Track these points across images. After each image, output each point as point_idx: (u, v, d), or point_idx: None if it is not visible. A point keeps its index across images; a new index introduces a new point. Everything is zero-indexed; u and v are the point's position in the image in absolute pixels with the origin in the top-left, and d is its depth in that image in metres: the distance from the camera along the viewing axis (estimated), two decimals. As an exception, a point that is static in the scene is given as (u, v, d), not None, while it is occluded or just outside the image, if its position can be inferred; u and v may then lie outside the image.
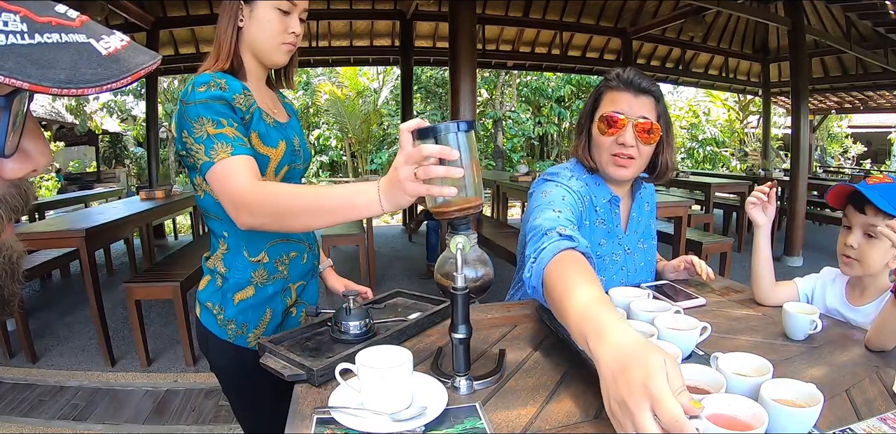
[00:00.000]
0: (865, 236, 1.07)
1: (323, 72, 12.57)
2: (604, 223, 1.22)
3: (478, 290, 0.80)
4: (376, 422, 0.69)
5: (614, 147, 1.14)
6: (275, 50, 1.05)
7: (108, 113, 11.46)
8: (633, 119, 1.12)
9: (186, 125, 0.94)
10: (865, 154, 14.83)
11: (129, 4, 4.83)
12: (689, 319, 0.88)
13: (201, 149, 0.92)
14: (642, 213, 1.32)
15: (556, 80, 12.72)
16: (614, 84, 1.15)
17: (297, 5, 1.05)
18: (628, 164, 1.14)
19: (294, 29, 1.05)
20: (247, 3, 1.03)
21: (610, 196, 1.22)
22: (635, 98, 1.13)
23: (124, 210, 3.50)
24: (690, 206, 3.77)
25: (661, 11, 6.30)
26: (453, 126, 0.69)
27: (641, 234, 1.32)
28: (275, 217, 0.86)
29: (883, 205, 1.00)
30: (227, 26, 1.03)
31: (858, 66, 7.24)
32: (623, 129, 1.12)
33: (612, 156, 1.15)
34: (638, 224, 1.31)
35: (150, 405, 2.37)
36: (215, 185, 0.92)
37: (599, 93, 1.19)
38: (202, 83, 0.95)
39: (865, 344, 0.95)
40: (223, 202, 0.92)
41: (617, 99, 1.14)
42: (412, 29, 6.18)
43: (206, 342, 1.10)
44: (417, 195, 0.71)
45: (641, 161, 1.15)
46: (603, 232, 1.24)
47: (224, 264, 1.06)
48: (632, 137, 1.12)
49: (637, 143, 1.12)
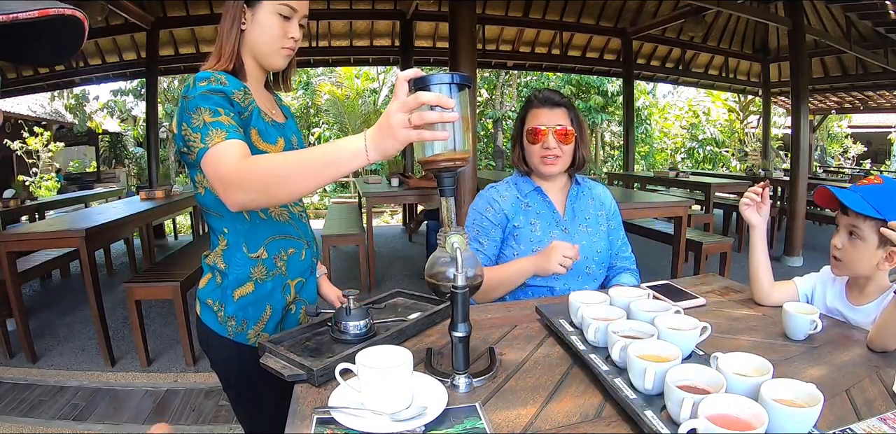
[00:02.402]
0: (849, 236, 1.07)
1: (323, 72, 12.58)
2: (530, 207, 1.49)
3: (470, 290, 0.81)
4: (376, 422, 0.69)
5: (542, 151, 1.43)
6: (274, 53, 1.08)
7: (108, 113, 11.46)
8: (551, 127, 1.41)
9: (186, 117, 0.95)
10: (865, 154, 14.82)
11: (129, 4, 4.83)
12: (689, 319, 0.88)
13: (198, 137, 0.92)
14: (585, 205, 1.53)
15: (556, 80, 12.71)
16: (534, 103, 1.46)
17: (297, 11, 1.07)
18: (555, 162, 1.43)
19: (293, 34, 1.07)
20: (249, 7, 1.04)
21: (532, 187, 1.50)
22: (551, 111, 1.43)
23: (124, 210, 3.50)
24: (690, 206, 3.76)
25: (661, 11, 6.30)
26: (450, 77, 0.73)
27: (585, 220, 1.51)
28: (264, 187, 0.85)
29: (860, 207, 1.02)
30: (231, 29, 1.05)
31: (858, 66, 7.24)
32: (546, 137, 1.42)
33: (541, 158, 1.43)
34: (580, 212, 1.52)
35: (150, 405, 2.37)
36: (209, 171, 0.91)
37: (525, 113, 1.48)
38: (203, 78, 0.97)
39: (867, 344, 0.95)
40: (215, 186, 0.91)
41: (537, 114, 1.44)
42: (412, 29, 6.18)
43: (206, 340, 1.11)
44: (408, 141, 0.72)
45: (565, 158, 1.44)
46: (532, 213, 1.48)
47: (224, 260, 1.07)
48: (554, 141, 1.41)
49: (558, 144, 1.42)
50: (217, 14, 5.50)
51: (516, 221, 1.46)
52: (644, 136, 13.33)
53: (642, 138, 13.23)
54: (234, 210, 0.89)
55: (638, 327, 0.88)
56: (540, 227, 1.46)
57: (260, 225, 1.08)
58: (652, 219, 4.35)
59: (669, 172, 6.41)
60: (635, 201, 3.65)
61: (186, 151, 0.97)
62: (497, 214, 1.47)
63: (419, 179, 4.71)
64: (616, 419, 0.72)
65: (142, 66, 5.91)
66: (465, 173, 3.36)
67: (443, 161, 0.75)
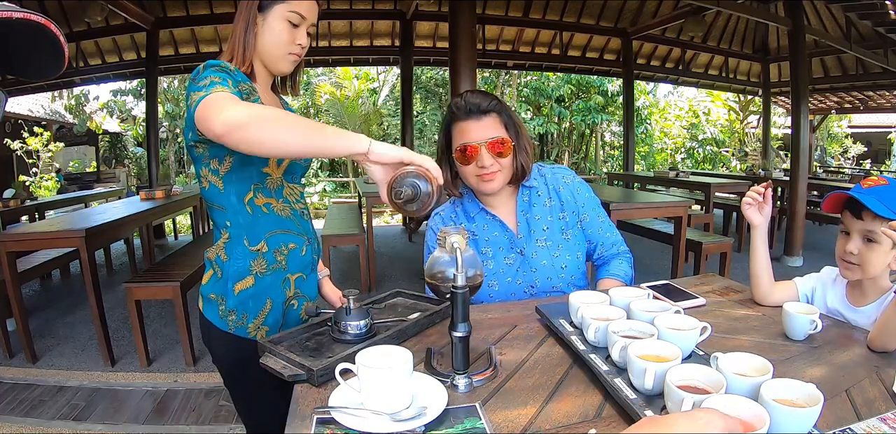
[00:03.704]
0: (865, 241, 1.06)
1: (323, 72, 12.57)
2: (476, 235, 1.34)
3: (470, 290, 0.81)
4: (376, 422, 0.69)
5: (477, 169, 1.25)
6: (281, 59, 1.11)
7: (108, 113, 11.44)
8: (483, 142, 1.22)
9: (193, 87, 0.94)
10: (865, 154, 14.82)
11: (129, 4, 4.83)
12: (689, 319, 0.88)
13: (202, 94, 0.89)
14: (540, 211, 1.35)
15: (556, 80, 12.71)
16: (457, 114, 1.25)
17: (306, 19, 1.10)
18: (493, 177, 1.25)
19: (301, 41, 1.11)
20: (260, 12, 1.07)
21: (478, 208, 1.35)
22: (479, 122, 1.23)
23: (124, 210, 3.50)
24: (690, 206, 3.76)
25: (661, 11, 6.30)
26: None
27: (543, 233, 1.34)
28: (258, 117, 0.83)
29: (880, 210, 0.99)
30: (245, 33, 1.07)
31: (858, 66, 7.24)
32: (478, 154, 1.23)
33: (477, 177, 1.26)
34: (535, 223, 1.34)
35: (150, 405, 2.37)
36: (203, 107, 0.86)
37: (448, 125, 1.28)
38: (213, 65, 0.99)
39: (867, 344, 0.95)
40: (206, 113, 0.85)
41: (464, 129, 1.24)
42: (412, 29, 6.18)
43: (208, 335, 1.13)
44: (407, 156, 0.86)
45: (506, 172, 1.27)
46: (481, 241, 1.34)
47: (225, 252, 1.09)
48: (489, 158, 1.23)
49: (495, 159, 1.23)
50: (217, 14, 5.55)
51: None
52: (644, 136, 13.33)
53: (642, 138, 13.23)
54: (218, 130, 0.82)
55: (638, 327, 0.88)
56: (492, 256, 1.33)
57: (262, 218, 1.10)
58: (652, 219, 4.35)
59: (669, 172, 6.41)
60: (635, 201, 3.65)
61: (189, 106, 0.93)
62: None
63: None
64: (616, 419, 0.72)
65: (142, 66, 5.91)
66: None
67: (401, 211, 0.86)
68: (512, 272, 1.33)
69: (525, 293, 1.34)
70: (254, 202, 1.09)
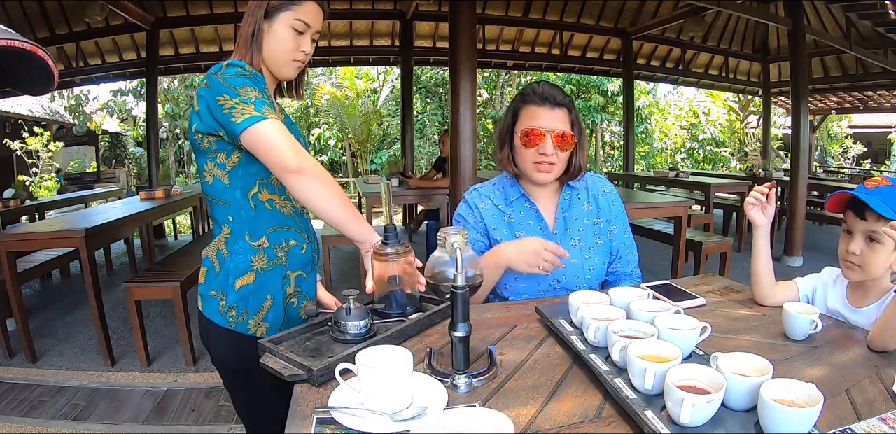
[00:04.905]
0: (867, 241, 1.05)
1: (323, 72, 12.57)
2: (512, 218, 1.36)
3: (470, 290, 0.82)
4: (376, 422, 0.69)
5: (536, 156, 1.27)
6: (285, 65, 1.13)
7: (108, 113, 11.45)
8: (550, 131, 1.25)
9: (228, 90, 0.98)
10: (865, 154, 14.82)
11: (129, 4, 4.83)
12: (689, 319, 0.88)
13: (251, 107, 0.97)
14: (579, 213, 1.38)
15: (556, 80, 12.69)
16: (532, 99, 1.28)
17: (311, 27, 1.12)
18: (550, 169, 1.28)
19: (305, 48, 1.13)
20: (266, 19, 1.09)
21: (520, 193, 1.36)
22: (552, 111, 1.26)
23: (124, 210, 3.50)
24: (690, 206, 3.76)
25: (661, 11, 6.30)
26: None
27: (578, 234, 1.37)
28: (322, 177, 0.98)
29: (884, 210, 0.99)
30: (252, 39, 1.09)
31: (858, 66, 7.23)
32: (543, 141, 1.25)
33: (535, 163, 1.28)
34: (573, 222, 1.37)
35: (150, 405, 2.37)
36: (270, 134, 0.96)
37: (517, 108, 1.31)
38: (240, 66, 1.03)
39: (867, 344, 0.95)
40: (279, 146, 0.96)
41: (535, 114, 1.26)
42: (412, 29, 6.18)
43: (207, 334, 1.13)
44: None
45: (560, 165, 1.30)
46: (517, 226, 1.35)
47: (227, 247, 1.09)
48: (551, 147, 1.25)
49: (556, 151, 1.26)
50: (217, 14, 5.55)
51: (498, 234, 1.34)
52: (644, 136, 13.32)
53: (642, 138, 13.22)
54: (293, 167, 0.96)
55: (638, 327, 0.88)
56: None
57: (264, 214, 1.10)
58: (652, 219, 4.35)
59: (669, 172, 6.41)
60: (635, 201, 3.65)
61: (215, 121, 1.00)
62: (478, 223, 1.35)
63: (419, 179, 4.70)
64: (616, 419, 0.72)
65: (142, 66, 5.91)
66: (466, 174, 3.36)
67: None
68: None
69: (550, 286, 1.34)
70: (258, 197, 1.10)
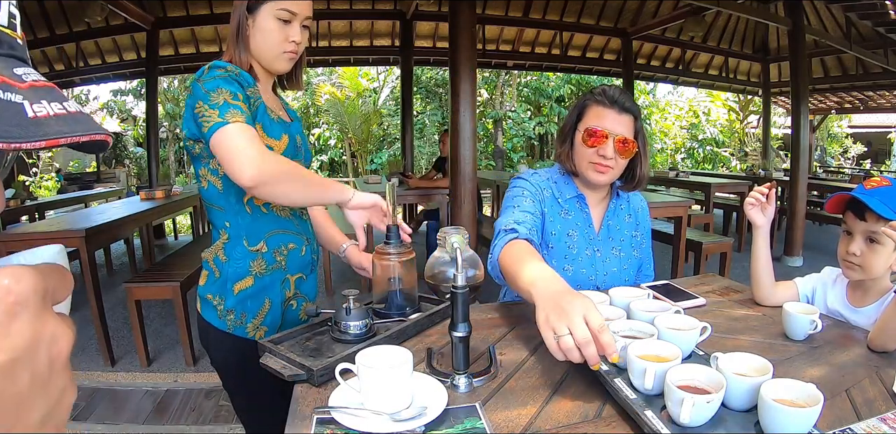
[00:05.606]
0: (867, 242, 1.06)
1: (323, 72, 12.57)
2: (569, 215, 1.33)
3: (470, 290, 0.81)
4: (376, 422, 0.69)
5: (595, 157, 1.25)
6: (276, 58, 1.09)
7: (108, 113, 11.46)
8: (614, 135, 1.22)
9: (202, 96, 0.96)
10: (865, 154, 14.82)
11: (129, 4, 4.83)
12: (689, 319, 0.88)
13: (216, 113, 0.94)
14: (621, 223, 1.39)
15: (556, 80, 12.71)
16: (600, 99, 1.26)
17: (297, 14, 1.07)
18: (606, 171, 1.26)
19: (294, 37, 1.08)
20: (250, 14, 1.06)
21: (575, 193, 1.33)
22: (619, 115, 1.24)
23: (124, 210, 3.50)
24: (690, 206, 3.76)
25: (661, 11, 6.30)
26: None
27: (619, 243, 1.37)
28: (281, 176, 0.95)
29: (883, 211, 0.99)
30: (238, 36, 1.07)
31: (858, 66, 7.23)
32: (605, 143, 1.22)
33: (592, 163, 1.26)
34: (615, 232, 1.37)
35: (150, 405, 2.37)
36: (226, 142, 0.92)
37: (584, 105, 1.29)
38: (221, 66, 1.01)
39: (867, 344, 0.95)
40: (232, 158, 0.92)
41: (602, 114, 1.24)
42: (412, 29, 6.18)
43: (206, 336, 1.13)
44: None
45: (617, 170, 1.27)
46: (571, 224, 1.32)
47: (224, 253, 1.08)
48: (612, 151, 1.23)
49: (616, 156, 1.23)
50: (217, 14, 5.54)
51: (553, 228, 1.30)
52: (644, 135, 13.31)
53: (642, 138, 13.20)
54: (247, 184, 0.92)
55: (638, 327, 0.88)
56: (577, 242, 1.31)
57: (261, 219, 1.09)
58: (652, 219, 4.34)
59: (669, 172, 6.41)
60: (635, 201, 3.64)
61: (197, 128, 0.99)
62: (538, 202, 1.29)
63: (419, 179, 4.70)
64: (616, 419, 0.72)
65: (142, 66, 5.91)
66: (466, 174, 3.36)
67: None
68: (588, 264, 1.33)
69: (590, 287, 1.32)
70: (253, 202, 1.09)
